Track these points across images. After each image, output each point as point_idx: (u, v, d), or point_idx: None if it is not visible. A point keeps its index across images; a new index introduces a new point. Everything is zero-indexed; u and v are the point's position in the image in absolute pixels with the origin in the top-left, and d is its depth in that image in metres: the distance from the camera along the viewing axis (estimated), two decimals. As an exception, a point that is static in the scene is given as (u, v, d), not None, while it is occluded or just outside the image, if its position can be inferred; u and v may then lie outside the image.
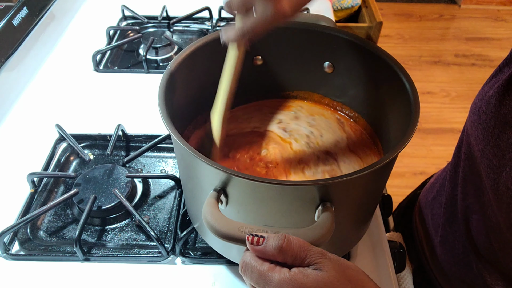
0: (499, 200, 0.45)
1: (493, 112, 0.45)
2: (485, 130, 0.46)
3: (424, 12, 2.75)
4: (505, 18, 2.72)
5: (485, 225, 0.50)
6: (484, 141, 0.46)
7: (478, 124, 0.47)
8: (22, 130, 0.73)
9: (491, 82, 0.47)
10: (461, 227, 0.56)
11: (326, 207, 0.38)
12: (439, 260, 0.63)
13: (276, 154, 0.55)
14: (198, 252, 0.57)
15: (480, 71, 2.31)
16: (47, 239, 0.58)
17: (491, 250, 0.51)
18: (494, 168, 0.45)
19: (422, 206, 0.70)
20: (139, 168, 0.67)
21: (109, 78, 0.85)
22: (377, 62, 0.51)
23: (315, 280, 0.32)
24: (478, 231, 0.52)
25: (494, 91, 0.45)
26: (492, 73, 0.48)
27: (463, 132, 0.56)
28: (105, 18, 1.00)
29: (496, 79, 0.46)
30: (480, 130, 0.47)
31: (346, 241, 0.51)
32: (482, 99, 0.47)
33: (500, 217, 0.47)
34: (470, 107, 0.50)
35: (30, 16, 0.81)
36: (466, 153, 0.53)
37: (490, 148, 0.45)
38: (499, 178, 0.45)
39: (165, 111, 0.43)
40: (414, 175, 1.77)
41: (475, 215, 0.52)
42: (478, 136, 0.47)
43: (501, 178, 0.44)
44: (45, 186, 0.64)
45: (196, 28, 0.99)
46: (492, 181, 0.46)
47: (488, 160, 0.46)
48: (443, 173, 0.65)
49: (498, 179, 0.45)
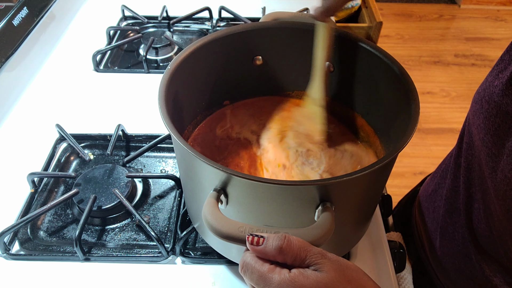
0: (497, 188, 0.46)
1: (495, 102, 0.45)
2: (487, 119, 0.47)
3: (424, 12, 2.75)
4: (505, 18, 2.72)
5: (486, 213, 0.51)
6: (485, 130, 0.47)
7: (480, 113, 0.48)
8: (23, 130, 0.73)
9: (494, 72, 0.48)
10: (461, 217, 0.56)
11: (326, 207, 0.38)
12: (438, 252, 0.64)
13: (276, 154, 0.55)
14: (198, 252, 0.57)
15: (480, 71, 2.31)
16: (47, 239, 0.58)
17: (491, 239, 0.52)
18: (493, 157, 0.46)
19: (422, 200, 0.70)
20: (139, 168, 0.68)
21: (109, 78, 0.85)
22: (377, 62, 0.51)
23: (315, 281, 0.32)
24: (479, 220, 0.53)
25: (498, 81, 0.46)
26: (496, 62, 0.49)
27: (465, 122, 0.57)
28: (105, 18, 1.00)
29: (498, 68, 0.47)
30: (482, 119, 0.48)
31: (346, 241, 0.51)
32: (485, 88, 0.48)
33: (497, 204, 0.47)
34: (473, 96, 0.51)
35: (30, 16, 0.81)
36: (467, 142, 0.54)
37: (490, 137, 0.46)
38: (497, 166, 0.46)
39: (165, 111, 0.43)
40: (414, 175, 1.77)
41: (476, 203, 0.53)
42: (480, 125, 0.48)
43: (499, 166, 0.45)
44: (45, 186, 0.64)
45: (196, 28, 0.99)
46: (490, 169, 0.47)
47: (487, 148, 0.47)
48: (443, 166, 0.65)
49: (496, 167, 0.46)
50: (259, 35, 0.56)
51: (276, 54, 0.59)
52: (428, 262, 0.67)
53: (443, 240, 0.62)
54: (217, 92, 0.60)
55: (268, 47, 0.58)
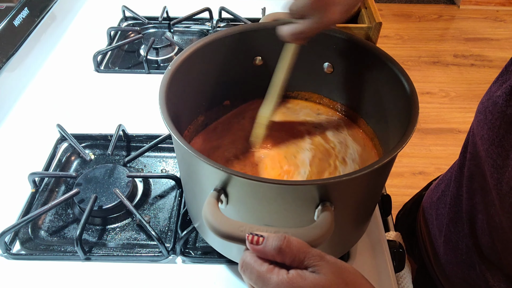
0: (502, 200, 0.46)
1: (499, 112, 0.45)
2: (491, 130, 0.46)
3: (423, 13, 2.76)
4: (504, 18, 2.72)
5: (489, 225, 0.51)
6: (489, 141, 0.47)
7: (484, 124, 0.48)
8: (23, 130, 0.73)
9: (498, 82, 0.47)
10: (465, 227, 0.56)
11: (325, 207, 0.38)
12: (442, 260, 0.63)
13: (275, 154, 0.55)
14: (199, 251, 0.57)
15: (479, 71, 2.31)
16: (48, 239, 0.58)
17: (494, 251, 0.51)
18: (498, 168, 0.46)
19: (427, 207, 0.70)
20: (139, 168, 0.68)
21: (110, 79, 0.85)
22: (377, 63, 0.52)
23: (313, 283, 0.32)
24: (483, 231, 0.52)
25: (502, 92, 0.45)
26: (500, 73, 0.48)
27: (469, 132, 0.56)
28: (106, 18, 1.00)
29: (503, 79, 0.47)
30: (486, 130, 0.47)
31: (345, 240, 0.52)
32: (489, 99, 0.48)
33: (502, 216, 0.47)
34: (477, 106, 0.50)
35: (31, 17, 0.81)
36: (471, 152, 0.53)
37: (495, 148, 0.46)
38: (503, 177, 0.45)
39: (166, 111, 0.44)
40: (413, 175, 1.78)
41: (480, 214, 0.52)
42: (484, 136, 0.48)
43: (504, 178, 0.45)
44: (46, 186, 0.64)
45: (196, 29, 0.99)
46: (495, 180, 0.46)
47: (492, 160, 0.46)
48: (448, 174, 0.65)
49: (501, 178, 0.45)
50: (259, 35, 0.56)
51: (276, 55, 0.59)
52: (432, 269, 0.67)
53: (446, 248, 0.62)
54: (218, 92, 0.60)
55: (268, 48, 0.58)
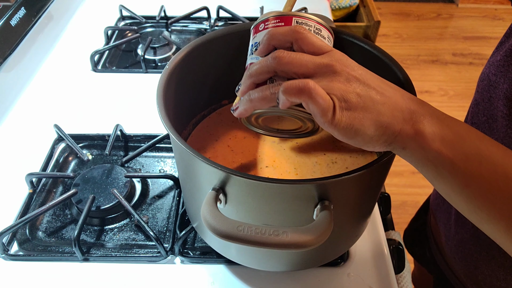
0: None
1: (502, 72, 0.46)
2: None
3: (422, 11, 2.76)
4: (502, 17, 2.72)
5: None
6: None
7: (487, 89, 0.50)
8: (21, 131, 0.73)
9: (498, 50, 0.49)
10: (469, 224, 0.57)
11: (324, 206, 0.38)
12: (454, 242, 0.63)
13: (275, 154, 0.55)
14: (197, 251, 0.57)
15: (478, 70, 2.32)
16: (46, 240, 0.58)
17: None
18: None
19: (433, 201, 0.71)
20: (137, 168, 0.67)
21: (107, 78, 0.84)
22: (375, 61, 0.51)
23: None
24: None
25: (501, 56, 0.47)
26: (499, 42, 0.50)
27: (469, 109, 0.57)
28: (103, 18, 1.00)
29: (503, 46, 0.48)
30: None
31: (345, 239, 0.51)
32: (490, 66, 0.49)
33: None
34: (478, 77, 0.52)
35: (28, 16, 0.81)
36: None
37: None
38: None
39: (164, 110, 0.43)
40: (412, 174, 1.78)
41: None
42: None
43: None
44: (43, 187, 0.64)
45: (194, 28, 0.99)
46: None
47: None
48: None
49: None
50: (257, 34, 0.56)
51: (274, 53, 0.59)
52: (447, 267, 0.67)
53: (457, 226, 0.62)
54: (216, 92, 0.60)
55: (266, 47, 0.57)
